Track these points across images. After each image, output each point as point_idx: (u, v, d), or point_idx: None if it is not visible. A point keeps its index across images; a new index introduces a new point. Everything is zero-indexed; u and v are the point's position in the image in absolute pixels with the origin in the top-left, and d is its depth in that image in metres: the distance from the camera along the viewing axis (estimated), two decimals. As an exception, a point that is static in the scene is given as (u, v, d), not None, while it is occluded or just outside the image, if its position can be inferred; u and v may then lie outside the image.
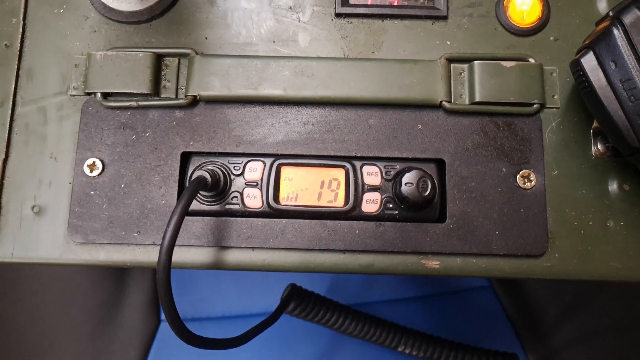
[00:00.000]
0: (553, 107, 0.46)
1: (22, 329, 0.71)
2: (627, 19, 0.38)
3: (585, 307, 0.76)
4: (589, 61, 0.40)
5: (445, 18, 0.47)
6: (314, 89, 0.45)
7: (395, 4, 0.48)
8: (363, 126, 0.45)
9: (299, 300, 0.64)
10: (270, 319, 0.56)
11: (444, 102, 0.45)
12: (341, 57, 0.47)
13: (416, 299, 0.83)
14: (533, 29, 0.47)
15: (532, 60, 0.46)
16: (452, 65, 0.46)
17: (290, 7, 0.48)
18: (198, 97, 0.45)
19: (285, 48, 0.47)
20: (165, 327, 0.80)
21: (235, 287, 0.84)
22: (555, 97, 0.46)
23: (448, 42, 0.47)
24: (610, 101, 0.39)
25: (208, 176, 0.41)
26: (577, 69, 0.41)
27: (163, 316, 0.80)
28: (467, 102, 0.45)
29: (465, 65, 0.46)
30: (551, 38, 0.47)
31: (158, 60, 0.46)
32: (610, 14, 0.40)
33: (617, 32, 0.39)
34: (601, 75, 0.39)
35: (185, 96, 0.45)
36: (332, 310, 0.67)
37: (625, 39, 0.38)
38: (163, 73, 0.46)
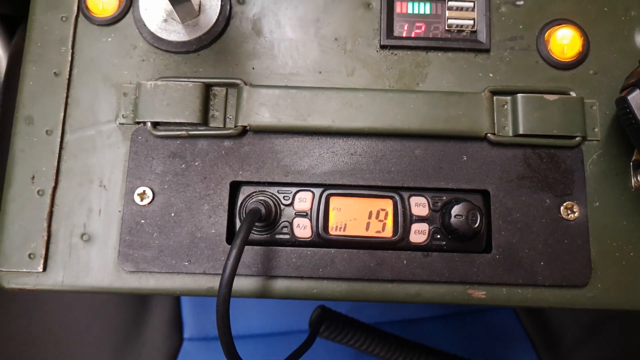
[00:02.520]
0: (594, 140, 0.47)
1: (48, 350, 0.71)
2: (675, 59, 0.40)
3: (606, 329, 0.77)
4: (635, 99, 0.41)
5: (487, 51, 0.48)
6: (361, 120, 0.46)
7: (439, 36, 0.49)
8: (409, 157, 0.46)
9: (329, 322, 0.65)
10: (307, 344, 0.56)
11: (488, 134, 0.46)
12: (386, 88, 0.48)
13: (436, 318, 0.84)
14: (573, 63, 0.48)
15: (573, 94, 0.47)
16: (495, 97, 0.47)
17: (336, 39, 0.49)
18: (248, 127, 0.46)
19: (331, 79, 0.48)
20: (188, 346, 0.80)
21: (257, 305, 0.84)
22: (595, 129, 0.47)
23: (491, 75, 0.48)
24: (657, 137, 0.40)
25: (262, 208, 0.42)
26: (623, 105, 0.42)
27: (186, 334, 0.80)
28: (510, 134, 0.46)
29: (509, 98, 0.47)
30: (591, 72, 0.48)
31: (207, 90, 0.46)
32: (656, 52, 0.41)
33: (665, 71, 0.40)
34: (649, 112, 0.41)
35: (235, 126, 0.46)
36: (360, 331, 0.68)
37: (673, 78, 0.39)
38: (211, 103, 0.47)
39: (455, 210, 0.43)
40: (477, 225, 0.43)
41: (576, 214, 0.45)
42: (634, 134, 0.42)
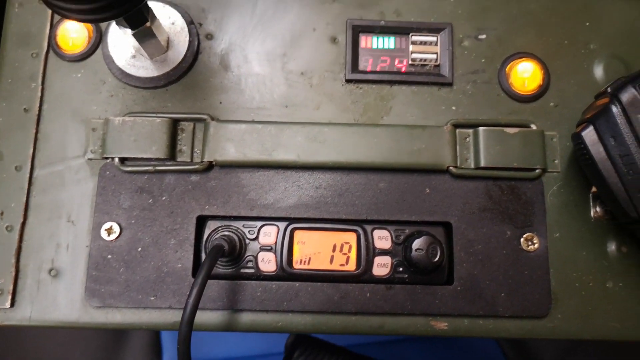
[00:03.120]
0: (554, 171, 0.48)
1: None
2: (625, 97, 0.41)
3: (582, 348, 0.77)
4: (589, 135, 0.42)
5: (450, 84, 0.49)
6: (325, 154, 0.47)
7: (403, 70, 0.50)
8: (373, 190, 0.47)
9: (303, 348, 0.65)
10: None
11: (450, 167, 0.47)
12: (351, 122, 0.49)
13: (414, 340, 0.84)
14: (534, 96, 0.49)
15: (533, 126, 0.48)
16: (458, 130, 0.48)
17: (302, 73, 0.50)
18: (214, 162, 0.46)
19: (297, 113, 0.49)
20: (167, 370, 0.80)
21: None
22: (556, 161, 0.48)
23: (454, 108, 0.49)
24: (609, 174, 0.41)
25: (225, 244, 0.43)
26: (578, 141, 0.43)
27: (165, 358, 0.80)
28: (472, 166, 0.47)
29: (471, 131, 0.48)
30: (551, 104, 0.49)
31: (174, 125, 0.47)
32: (609, 90, 0.42)
33: (615, 110, 0.41)
34: (601, 149, 0.42)
35: (201, 161, 0.46)
36: (335, 356, 0.68)
37: (623, 117, 0.41)
38: (179, 138, 0.47)
39: (416, 244, 0.44)
40: (437, 259, 0.43)
41: (536, 245, 0.46)
42: (589, 169, 0.43)
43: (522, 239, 0.46)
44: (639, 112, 0.40)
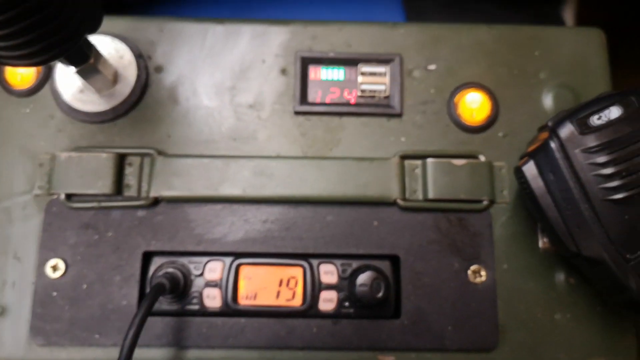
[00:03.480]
0: (502, 202, 0.48)
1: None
2: (563, 132, 0.41)
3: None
4: (530, 169, 0.42)
5: (400, 115, 0.49)
6: (272, 188, 0.47)
7: (352, 101, 0.50)
8: (321, 223, 0.47)
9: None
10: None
11: (398, 200, 0.47)
12: (300, 155, 0.49)
13: None
14: (483, 126, 0.49)
15: (482, 157, 0.48)
16: (406, 162, 0.48)
17: (251, 105, 0.50)
18: (159, 198, 0.46)
19: (246, 145, 0.49)
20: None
21: None
22: (504, 192, 0.48)
23: (403, 139, 0.49)
24: (549, 208, 0.41)
25: (167, 282, 0.43)
26: (519, 175, 0.43)
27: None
28: (420, 198, 0.47)
29: (419, 162, 0.48)
30: (500, 134, 0.49)
31: (121, 160, 0.47)
32: (549, 124, 0.43)
33: (554, 145, 0.41)
34: (541, 183, 0.42)
35: (147, 197, 0.46)
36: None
37: (561, 152, 0.41)
38: (126, 172, 0.47)
39: (360, 279, 0.44)
40: (380, 294, 0.43)
41: (483, 278, 0.46)
42: (530, 202, 0.43)
43: (469, 271, 0.46)
44: (577, 148, 0.40)
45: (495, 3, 0.88)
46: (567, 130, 0.41)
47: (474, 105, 0.49)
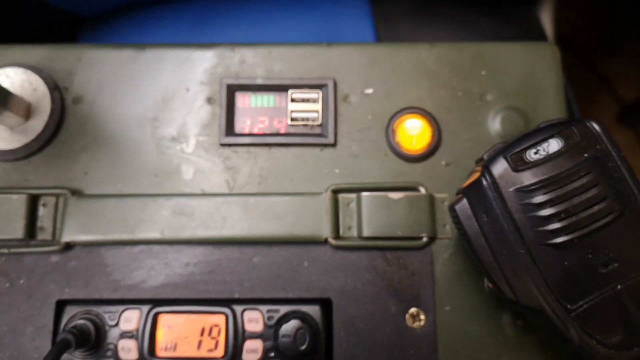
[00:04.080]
0: (445, 238, 0.44)
1: None
2: (496, 170, 0.37)
3: None
4: (463, 209, 0.38)
5: (334, 145, 0.46)
6: (192, 229, 0.43)
7: (282, 131, 0.46)
8: (247, 265, 0.44)
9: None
10: None
11: (329, 239, 0.43)
12: (225, 191, 0.45)
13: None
14: (424, 155, 0.46)
15: (422, 190, 0.44)
16: (340, 196, 0.45)
17: (174, 138, 0.46)
18: (72, 243, 0.43)
19: (169, 182, 0.45)
20: None
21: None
22: (446, 227, 0.44)
23: (337, 171, 0.46)
24: (484, 252, 0.38)
25: (72, 337, 0.39)
26: (453, 214, 0.39)
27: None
28: (355, 235, 0.44)
29: (354, 196, 0.44)
30: (443, 163, 0.46)
31: (33, 202, 0.44)
32: (485, 157, 0.39)
33: (486, 183, 0.37)
34: (475, 224, 0.38)
35: (59, 242, 0.43)
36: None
37: (494, 191, 0.37)
38: (40, 214, 0.44)
39: (283, 330, 0.40)
40: (304, 346, 0.40)
41: (422, 322, 0.43)
42: (466, 244, 0.39)
43: (407, 315, 0.43)
44: (511, 186, 0.36)
45: (467, 7, 0.84)
46: (500, 166, 0.37)
47: (414, 131, 0.46)
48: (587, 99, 1.49)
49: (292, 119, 0.46)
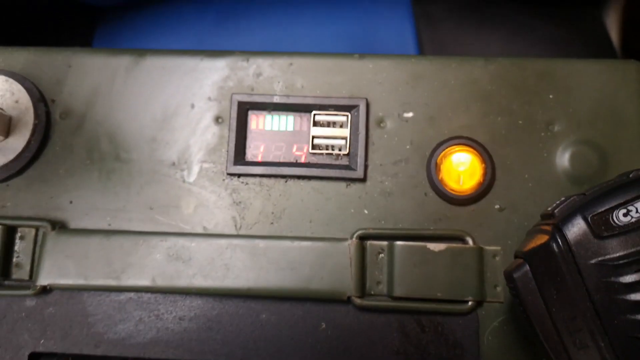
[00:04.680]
0: (495, 301, 0.36)
1: None
2: (572, 233, 0.28)
3: None
4: (524, 279, 0.30)
5: (363, 180, 0.38)
6: (189, 277, 0.36)
7: (303, 160, 0.39)
8: (253, 324, 0.36)
9: None
10: None
11: (353, 297, 0.36)
12: (231, 231, 0.38)
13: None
14: (473, 196, 0.37)
15: (469, 240, 0.36)
16: (368, 243, 0.37)
17: (174, 164, 0.39)
18: (49, 286, 0.37)
19: (165, 216, 0.38)
20: None
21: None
22: (498, 288, 0.36)
23: (366, 212, 0.38)
24: (549, 336, 0.29)
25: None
26: (510, 281, 0.31)
27: None
28: (385, 293, 0.36)
29: (385, 245, 0.37)
30: (496, 207, 0.37)
31: (10, 234, 0.38)
32: (556, 213, 0.30)
33: (558, 250, 0.29)
34: (539, 300, 0.29)
35: (34, 284, 0.37)
36: None
37: (569, 261, 0.28)
38: (16, 248, 0.38)
39: (291, 412, 0.33)
40: None
41: (464, 407, 0.34)
42: (525, 322, 0.31)
43: (445, 397, 0.35)
44: (592, 258, 0.28)
45: (521, 7, 0.74)
46: (577, 229, 0.28)
47: (461, 167, 0.37)
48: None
49: (314, 146, 0.38)
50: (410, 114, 0.38)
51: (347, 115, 0.38)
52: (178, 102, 0.40)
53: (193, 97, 0.40)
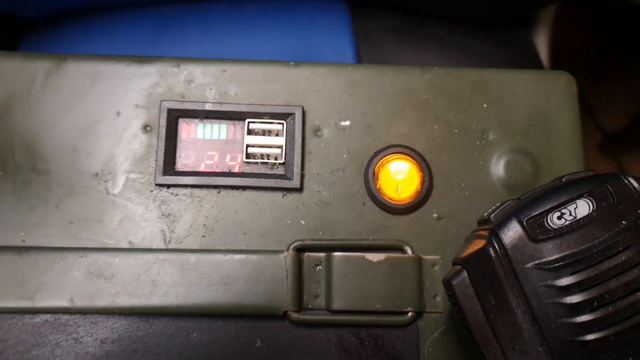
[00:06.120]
0: (435, 312, 0.35)
1: None
2: (508, 237, 0.28)
3: None
4: (462, 286, 0.29)
5: (299, 189, 0.37)
6: (112, 296, 0.33)
7: (236, 169, 0.37)
8: (183, 344, 0.34)
9: None
10: None
11: (290, 312, 0.34)
12: (160, 245, 0.35)
13: None
14: (411, 205, 0.37)
15: (408, 250, 0.35)
16: (305, 255, 0.35)
17: (97, 174, 0.36)
18: (-49, 310, 0.33)
19: (86, 231, 0.35)
20: None
21: None
22: (437, 298, 0.35)
23: (303, 222, 0.36)
24: (489, 345, 0.29)
25: None
26: (449, 291, 0.30)
27: None
28: (323, 305, 0.34)
29: (323, 256, 0.35)
30: (434, 215, 0.37)
31: None
32: (492, 218, 0.30)
33: (495, 255, 0.28)
34: (477, 307, 0.29)
35: None
36: None
37: (505, 266, 0.28)
38: None
39: None
40: None
41: (405, 423, 0.33)
42: (465, 328, 0.30)
43: (386, 413, 0.33)
44: (528, 262, 0.28)
45: (456, 27, 0.76)
46: (513, 233, 0.28)
47: (399, 176, 0.37)
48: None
49: (248, 155, 0.37)
50: (347, 123, 0.38)
51: (283, 124, 0.37)
52: (102, 109, 0.37)
53: (118, 104, 0.37)
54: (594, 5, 1.17)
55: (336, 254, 0.35)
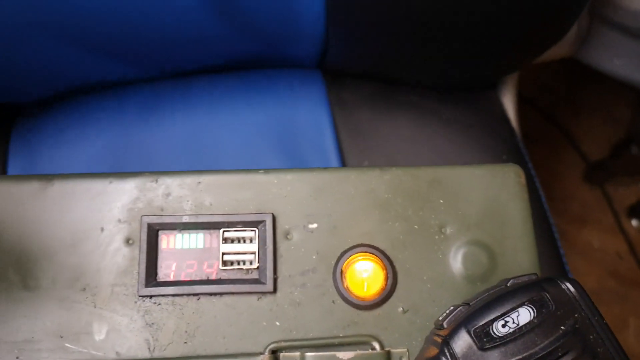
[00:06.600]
0: (405, 404, 0.38)
1: None
2: (458, 347, 0.31)
3: None
4: (421, 391, 0.32)
5: (273, 292, 0.39)
6: (101, 410, 0.36)
7: (213, 276, 0.40)
8: None
9: None
10: None
11: (267, 414, 0.36)
12: (144, 354, 0.38)
13: None
14: (377, 301, 0.39)
15: (376, 345, 0.38)
16: (281, 355, 0.38)
17: (84, 289, 0.39)
18: None
19: (76, 344, 0.38)
20: None
21: None
22: (406, 390, 0.38)
23: (278, 323, 0.39)
24: None
25: None
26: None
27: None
28: (299, 404, 0.37)
29: (297, 354, 0.38)
30: (399, 309, 0.39)
31: None
32: (445, 325, 0.33)
33: (447, 364, 0.31)
34: (437, 413, 0.31)
35: None
36: None
37: (458, 375, 0.31)
38: None
39: None
40: None
41: None
42: None
43: None
44: (477, 370, 0.30)
45: (427, 94, 0.80)
46: (463, 343, 0.31)
47: (365, 274, 0.40)
48: (554, 157, 1.47)
49: (224, 262, 0.40)
50: (314, 225, 0.41)
51: (255, 230, 0.40)
52: (87, 226, 0.40)
53: (102, 220, 0.40)
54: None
55: (309, 354, 0.37)
